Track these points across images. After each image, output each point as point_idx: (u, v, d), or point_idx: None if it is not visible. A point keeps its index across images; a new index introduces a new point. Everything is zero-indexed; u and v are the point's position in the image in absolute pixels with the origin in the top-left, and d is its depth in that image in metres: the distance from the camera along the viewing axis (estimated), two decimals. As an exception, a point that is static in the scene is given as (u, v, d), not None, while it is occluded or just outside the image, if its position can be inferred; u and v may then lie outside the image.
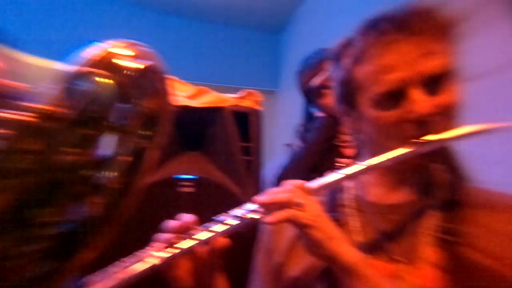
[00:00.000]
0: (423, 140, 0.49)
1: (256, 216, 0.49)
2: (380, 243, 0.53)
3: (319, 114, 1.29)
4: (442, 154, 0.52)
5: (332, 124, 1.11)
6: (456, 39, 0.50)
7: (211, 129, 1.00)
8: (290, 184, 0.50)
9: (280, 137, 2.25)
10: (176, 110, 0.97)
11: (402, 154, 0.50)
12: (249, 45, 3.57)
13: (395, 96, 0.49)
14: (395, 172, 0.57)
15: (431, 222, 0.51)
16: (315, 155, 1.16)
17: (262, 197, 0.49)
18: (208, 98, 0.96)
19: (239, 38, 3.54)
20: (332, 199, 0.63)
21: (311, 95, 1.30)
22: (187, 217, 0.49)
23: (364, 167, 0.51)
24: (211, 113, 0.99)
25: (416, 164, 0.53)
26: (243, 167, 0.99)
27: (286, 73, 3.37)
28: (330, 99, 1.12)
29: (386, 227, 0.54)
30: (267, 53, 3.65)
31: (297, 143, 1.26)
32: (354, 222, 0.57)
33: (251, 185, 0.99)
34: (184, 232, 0.48)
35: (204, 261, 0.50)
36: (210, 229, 0.49)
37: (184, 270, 0.50)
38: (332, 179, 0.51)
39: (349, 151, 1.21)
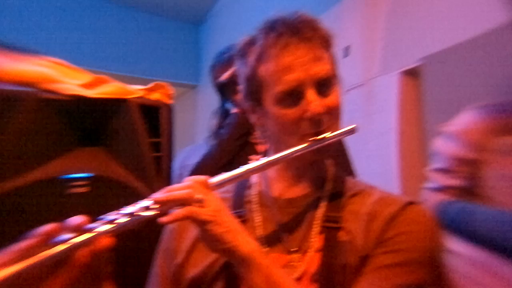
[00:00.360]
0: (318, 138, 0.54)
1: (150, 213, 0.46)
2: (278, 236, 0.57)
3: (234, 110, 1.29)
4: (332, 150, 0.56)
5: (246, 120, 1.12)
6: (334, 51, 0.58)
7: (114, 123, 0.90)
8: (191, 179, 0.49)
9: (203, 132, 2.22)
10: (66, 100, 0.85)
11: (299, 150, 0.53)
12: (168, 35, 3.39)
13: (294, 95, 0.53)
14: (294, 168, 0.60)
15: (320, 212, 0.56)
16: (228, 152, 1.16)
17: (159, 194, 0.47)
18: (108, 88, 0.87)
19: (158, 27, 3.33)
20: (239, 196, 0.64)
21: (224, 91, 1.30)
22: (75, 219, 0.43)
23: (265, 162, 0.53)
24: (112, 105, 0.89)
25: (312, 160, 0.59)
26: (151, 164, 0.92)
27: (207, 67, 3.33)
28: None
29: (284, 220, 0.58)
30: (188, 45, 3.52)
31: (210, 140, 1.25)
32: (257, 217, 0.59)
33: (160, 182, 0.93)
34: (54, 236, 0.41)
35: (86, 269, 0.44)
36: (95, 229, 0.44)
37: (58, 283, 0.42)
38: (234, 175, 0.52)
39: (262, 148, 1.25)
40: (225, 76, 1.24)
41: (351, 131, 0.57)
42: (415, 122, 1.97)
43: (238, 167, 0.53)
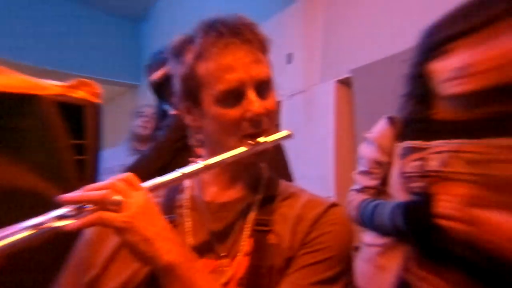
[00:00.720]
0: (258, 142, 0.54)
1: (63, 223, 0.41)
2: (209, 241, 0.55)
3: (172, 111, 1.25)
4: (268, 154, 0.57)
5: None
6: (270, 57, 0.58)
7: (23, 122, 0.79)
8: (113, 178, 0.44)
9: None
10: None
11: (237, 154, 0.53)
12: (107, 31, 3.17)
13: (234, 95, 0.53)
14: (229, 171, 0.59)
15: (252, 216, 0.56)
16: (165, 155, 1.12)
17: (70, 195, 0.42)
18: (7, 81, 0.74)
19: (96, 22, 3.08)
20: (170, 200, 0.61)
21: (161, 92, 1.25)
22: None
23: (202, 166, 0.52)
24: (18, 102, 0.78)
25: (247, 163, 0.58)
26: (71, 168, 0.83)
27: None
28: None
29: (216, 225, 0.56)
30: (128, 43, 3.33)
31: (133, 144, 1.19)
32: (188, 222, 0.57)
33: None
34: None
35: None
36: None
37: None
38: (168, 179, 0.49)
39: (202, 151, 1.22)
40: (157, 75, 1.20)
41: (288, 136, 0.57)
42: (348, 129, 2.12)
43: (174, 170, 0.50)
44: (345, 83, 2.13)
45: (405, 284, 0.78)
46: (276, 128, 0.59)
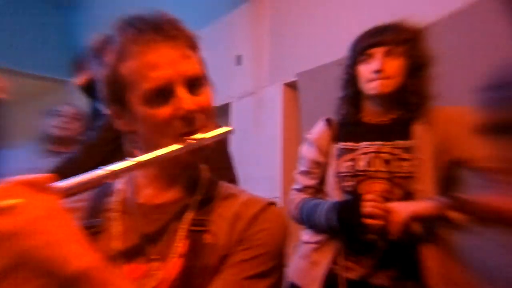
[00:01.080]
0: (193, 138, 0.51)
1: None
2: (139, 245, 0.52)
3: (105, 111, 1.17)
4: (207, 153, 0.55)
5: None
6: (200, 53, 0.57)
7: None
8: (9, 180, 0.39)
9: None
10: None
11: (173, 151, 0.50)
12: (31, 19, 2.84)
13: (163, 94, 0.50)
14: (166, 172, 0.57)
15: (189, 217, 0.54)
16: (96, 158, 1.04)
17: None
18: None
19: (19, 8, 2.75)
20: (97, 204, 0.57)
21: (90, 91, 1.17)
22: None
23: (133, 163, 0.48)
24: None
25: (186, 163, 0.56)
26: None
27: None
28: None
29: (149, 228, 0.54)
30: (57, 33, 3.01)
31: (46, 145, 1.09)
32: (117, 226, 0.54)
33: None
34: None
35: None
36: None
37: None
38: (90, 177, 0.44)
39: (138, 154, 1.16)
40: (83, 79, 1.13)
41: (227, 133, 0.57)
42: (296, 130, 2.18)
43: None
44: (292, 86, 2.19)
45: (333, 275, 0.86)
46: (214, 125, 0.57)
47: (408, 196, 0.83)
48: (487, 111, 0.59)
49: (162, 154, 0.50)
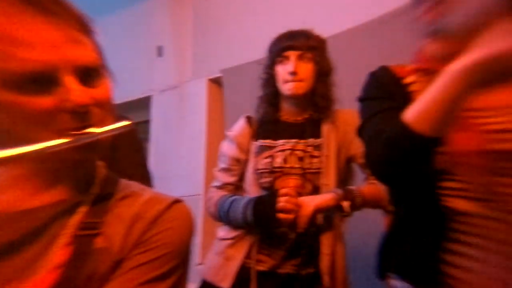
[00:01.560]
0: (83, 132, 0.44)
1: None
2: None
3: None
4: (103, 149, 0.49)
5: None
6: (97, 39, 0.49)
7: None
8: None
9: None
10: None
11: (52, 146, 0.42)
12: None
13: (43, 81, 0.42)
14: (45, 170, 0.48)
15: (75, 220, 0.47)
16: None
17: None
18: None
19: None
20: None
21: None
22: None
23: None
24: None
25: (71, 160, 0.47)
26: None
27: None
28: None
29: (9, 238, 0.44)
30: None
31: None
32: None
33: None
34: None
35: None
36: None
37: None
38: None
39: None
40: None
41: (125, 127, 0.50)
42: (220, 127, 2.17)
43: None
44: (216, 82, 2.16)
45: (245, 268, 0.89)
46: (113, 120, 0.50)
47: (316, 190, 0.91)
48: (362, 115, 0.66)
49: (36, 150, 0.41)
